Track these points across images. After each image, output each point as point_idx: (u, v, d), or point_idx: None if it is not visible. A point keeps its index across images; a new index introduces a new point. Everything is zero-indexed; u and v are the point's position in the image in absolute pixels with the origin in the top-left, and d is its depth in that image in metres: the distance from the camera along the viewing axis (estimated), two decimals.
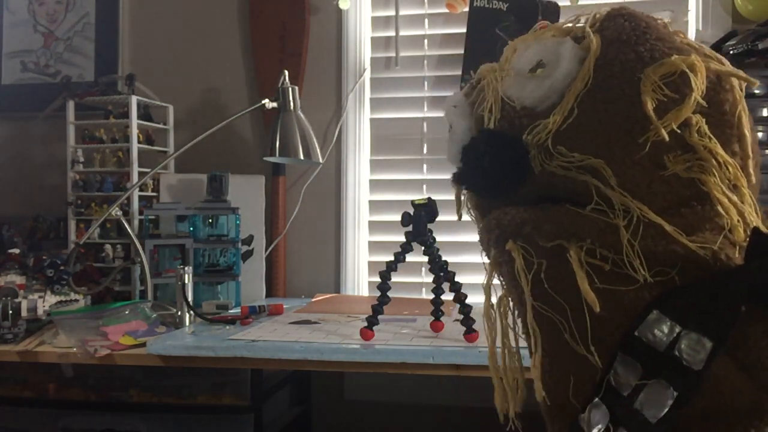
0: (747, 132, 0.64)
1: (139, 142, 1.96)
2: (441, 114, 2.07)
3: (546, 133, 0.65)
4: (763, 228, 0.61)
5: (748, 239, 0.61)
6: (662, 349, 0.60)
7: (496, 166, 0.67)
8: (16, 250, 1.72)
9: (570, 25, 0.72)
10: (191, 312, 1.58)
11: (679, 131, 0.62)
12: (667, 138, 0.61)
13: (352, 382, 2.07)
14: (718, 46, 1.80)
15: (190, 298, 1.58)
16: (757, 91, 1.78)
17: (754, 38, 1.72)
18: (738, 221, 0.62)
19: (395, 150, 2.11)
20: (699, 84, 0.62)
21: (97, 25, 2.26)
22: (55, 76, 2.27)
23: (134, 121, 1.93)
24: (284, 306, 1.73)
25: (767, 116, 1.78)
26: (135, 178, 1.92)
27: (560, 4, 1.95)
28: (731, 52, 1.77)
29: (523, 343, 0.73)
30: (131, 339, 1.43)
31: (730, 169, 0.63)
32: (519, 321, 0.72)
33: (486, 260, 0.73)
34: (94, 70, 2.25)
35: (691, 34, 1.92)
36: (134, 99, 1.93)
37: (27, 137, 2.29)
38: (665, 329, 0.60)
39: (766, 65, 1.79)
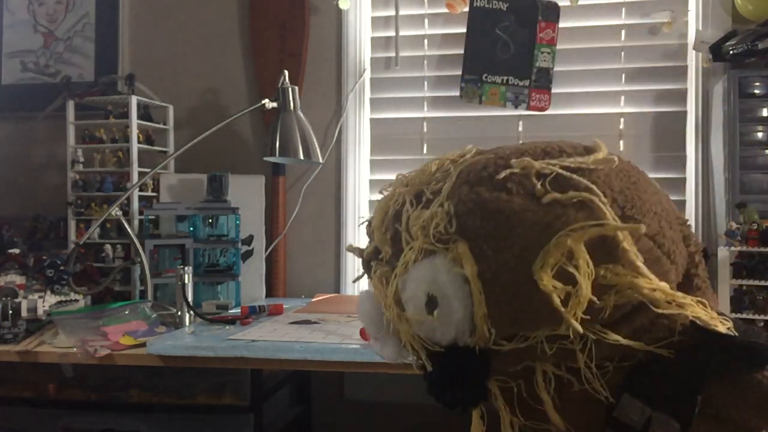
0: (633, 258, 0.61)
1: (139, 142, 1.96)
2: (441, 114, 2.08)
3: (484, 343, 0.65)
4: (703, 317, 0.63)
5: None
6: (639, 429, 0.65)
7: (460, 393, 0.71)
8: (16, 250, 1.72)
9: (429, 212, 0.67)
10: (191, 312, 1.58)
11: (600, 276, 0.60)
12: (581, 331, 0.60)
13: (352, 382, 2.07)
14: (718, 46, 1.80)
15: (190, 298, 1.58)
16: (757, 92, 1.79)
17: (754, 38, 1.72)
18: (673, 307, 0.62)
19: (395, 150, 2.11)
20: (583, 268, 0.59)
21: (97, 25, 2.26)
22: (55, 76, 2.27)
23: (134, 121, 1.93)
24: (284, 306, 1.73)
25: (767, 116, 1.78)
26: (135, 178, 1.92)
27: (560, 4, 1.95)
28: (731, 52, 1.77)
29: None
30: (131, 339, 1.43)
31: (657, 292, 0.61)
32: None
33: None
34: (94, 70, 2.25)
35: (691, 34, 1.92)
36: (134, 99, 1.93)
37: (27, 137, 2.29)
38: (637, 411, 0.65)
39: (766, 65, 1.79)
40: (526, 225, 0.60)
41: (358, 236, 2.10)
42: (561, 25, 1.95)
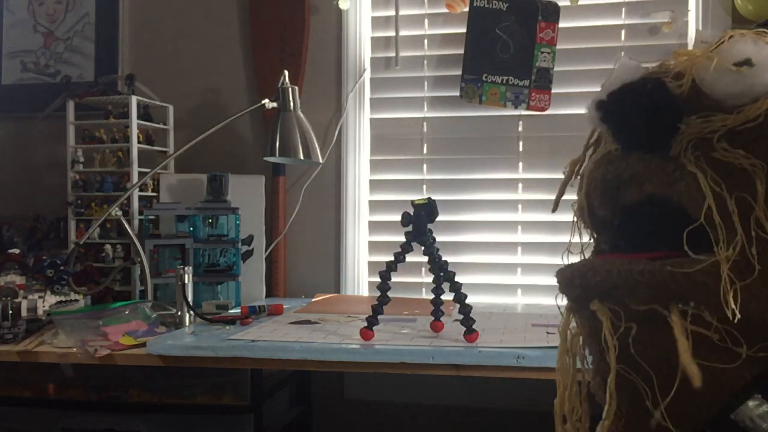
0: None
1: (139, 142, 1.96)
2: (441, 114, 2.08)
3: (720, 125, 0.60)
4: None
5: None
6: None
7: (649, 111, 0.62)
8: (16, 250, 1.72)
9: None
10: (191, 312, 1.58)
11: None
12: None
13: (352, 382, 2.07)
14: None
15: (190, 298, 1.58)
16: None
17: None
18: None
19: (395, 150, 2.11)
20: None
21: (97, 25, 2.26)
22: (55, 76, 2.27)
23: (134, 121, 1.93)
24: (284, 306, 1.73)
25: None
26: (135, 178, 1.92)
27: (560, 4, 1.95)
28: None
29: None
30: (131, 339, 1.43)
31: None
32: (593, 373, 0.68)
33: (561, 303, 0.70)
34: (94, 70, 2.25)
35: (691, 34, 1.92)
36: (134, 99, 1.93)
37: (27, 137, 2.29)
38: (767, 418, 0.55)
39: None
40: None
41: (358, 236, 2.10)
42: (561, 25, 1.95)
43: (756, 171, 0.58)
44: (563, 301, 0.70)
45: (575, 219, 0.76)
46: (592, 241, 0.76)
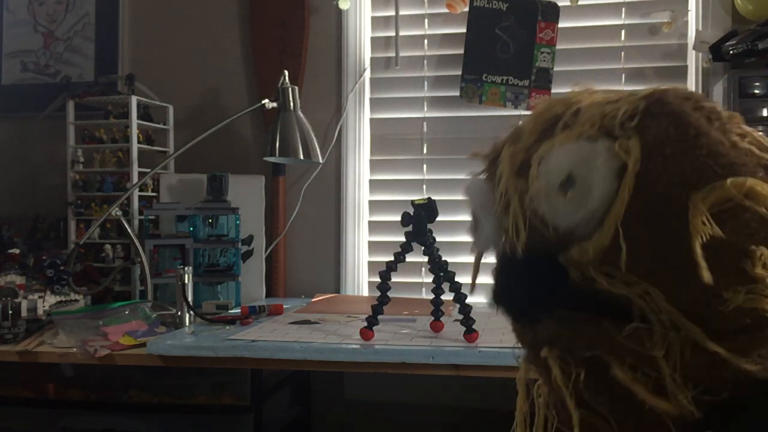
0: None
1: (139, 142, 1.96)
2: (441, 114, 2.08)
3: (587, 260, 0.58)
4: None
5: None
6: None
7: (534, 294, 0.61)
8: (16, 250, 1.72)
9: (602, 109, 0.62)
10: (191, 312, 1.58)
11: (739, 265, 0.54)
12: (710, 281, 0.52)
13: (352, 382, 2.07)
14: (718, 46, 1.80)
15: (190, 298, 1.58)
16: (757, 92, 1.79)
17: (754, 38, 1.72)
18: None
19: (395, 150, 2.11)
20: (761, 212, 0.53)
21: (97, 25, 2.26)
22: (55, 76, 2.27)
23: (134, 121, 1.93)
24: (284, 306, 1.73)
25: (767, 116, 1.78)
26: (135, 178, 1.92)
27: (560, 4, 1.95)
28: (731, 52, 1.77)
29: None
30: (131, 339, 1.43)
31: None
32: (557, 417, 0.67)
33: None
34: (94, 70, 2.25)
35: (691, 34, 1.92)
36: (134, 99, 1.93)
37: (27, 137, 2.29)
38: None
39: (766, 65, 1.79)
40: (712, 152, 0.55)
41: (358, 236, 2.10)
42: (561, 25, 1.95)
43: (637, 290, 0.58)
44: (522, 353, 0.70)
45: None
46: None
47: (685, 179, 0.54)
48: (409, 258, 1.37)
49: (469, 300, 1.33)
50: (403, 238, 1.35)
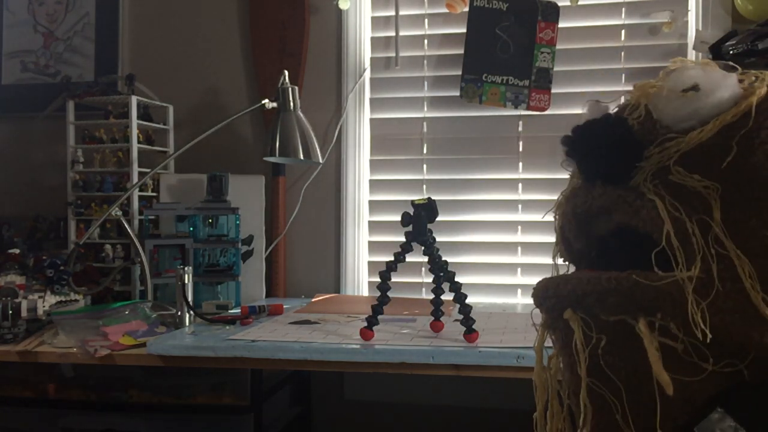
0: None
1: (139, 142, 1.96)
2: (441, 114, 2.08)
3: (674, 151, 0.63)
4: None
5: None
6: None
7: (608, 143, 0.66)
8: (16, 250, 1.72)
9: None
10: (191, 312, 1.58)
11: None
12: None
13: (352, 382, 2.07)
14: (718, 46, 1.80)
15: (190, 298, 1.58)
16: None
17: (754, 38, 1.72)
18: None
19: (395, 150, 2.11)
20: None
21: (97, 25, 2.26)
22: (55, 76, 2.27)
23: (134, 121, 1.93)
24: (284, 306, 1.73)
25: None
26: (135, 178, 1.92)
27: (560, 4, 1.95)
28: (731, 52, 1.77)
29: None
30: (131, 339, 1.43)
31: None
32: (567, 387, 0.68)
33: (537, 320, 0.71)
34: (94, 70, 2.25)
35: (691, 34, 1.92)
36: (134, 99, 1.93)
37: (27, 137, 2.29)
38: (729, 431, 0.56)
39: (766, 65, 1.79)
40: None
41: (358, 236, 2.10)
42: (561, 25, 1.95)
43: (710, 193, 0.61)
44: (538, 321, 0.72)
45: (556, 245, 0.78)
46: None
47: None
48: (409, 258, 1.36)
49: (469, 300, 1.33)
50: (403, 238, 1.35)
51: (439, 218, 1.34)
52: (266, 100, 1.84)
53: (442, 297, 1.41)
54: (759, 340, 0.55)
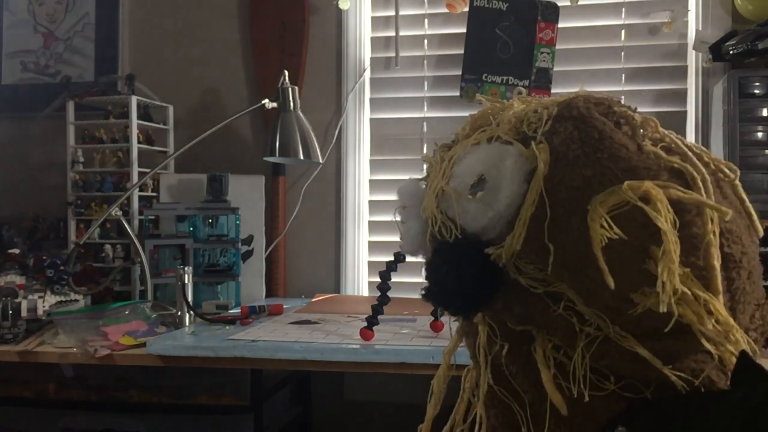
0: (715, 264, 0.54)
1: (139, 142, 1.96)
2: (441, 114, 2.08)
3: (507, 257, 0.58)
4: (749, 351, 0.54)
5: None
6: None
7: (461, 284, 0.60)
8: (16, 250, 1.72)
9: (521, 114, 0.63)
10: (191, 312, 1.58)
11: (642, 266, 0.53)
12: (612, 286, 0.52)
13: (352, 382, 2.07)
14: (718, 46, 1.80)
15: (190, 298, 1.58)
16: (757, 92, 1.79)
17: (754, 38, 1.72)
18: (725, 348, 0.55)
19: (395, 150, 2.11)
20: (663, 212, 0.52)
21: (97, 25, 2.26)
22: (55, 76, 2.27)
23: (134, 121, 1.93)
24: (284, 306, 1.73)
25: (767, 116, 1.78)
26: (135, 178, 1.92)
27: (560, 4, 1.95)
28: (731, 52, 1.77)
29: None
30: (131, 339, 1.43)
31: (708, 304, 0.54)
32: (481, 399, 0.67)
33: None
34: (94, 70, 2.25)
35: (691, 34, 1.92)
36: (134, 99, 1.93)
37: (27, 137, 2.29)
38: None
39: (766, 65, 1.79)
40: (613, 155, 0.55)
41: (358, 236, 2.10)
42: (561, 25, 1.95)
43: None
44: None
45: None
46: None
47: (586, 183, 0.55)
48: (409, 258, 1.36)
49: None
50: None
51: None
52: (266, 100, 1.84)
53: None
54: (655, 376, 0.55)
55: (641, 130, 0.59)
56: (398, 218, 0.70)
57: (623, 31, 1.98)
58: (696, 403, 0.54)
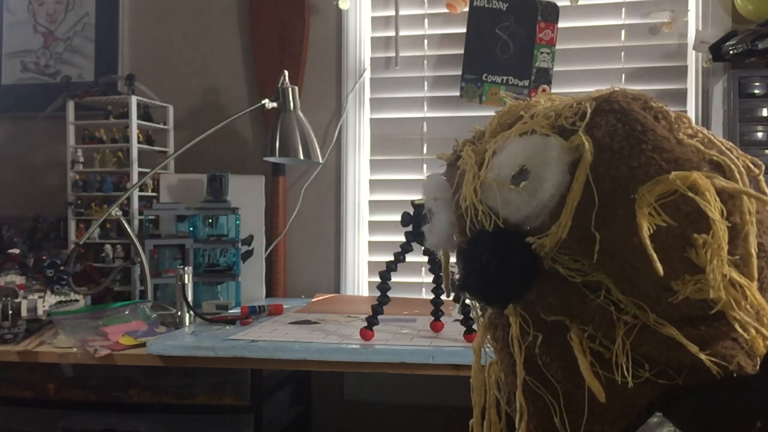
0: (753, 252, 0.56)
1: (139, 142, 1.96)
2: (441, 114, 2.08)
3: (549, 249, 0.58)
4: None
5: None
6: None
7: (503, 274, 0.60)
8: (16, 250, 1.72)
9: (556, 108, 0.63)
10: (191, 312, 1.58)
11: (684, 254, 0.54)
12: (662, 273, 0.53)
13: (352, 382, 2.07)
14: (718, 46, 1.80)
15: (190, 298, 1.58)
16: (757, 92, 1.79)
17: (754, 38, 1.72)
18: (756, 335, 0.56)
19: (395, 150, 2.11)
20: (712, 202, 0.54)
21: (97, 25, 2.26)
22: (55, 76, 2.27)
23: (134, 121, 1.93)
24: (284, 306, 1.73)
25: (767, 116, 1.78)
26: (135, 178, 1.92)
27: (560, 4, 1.95)
28: (731, 52, 1.77)
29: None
30: (131, 339, 1.43)
31: (746, 290, 0.55)
32: (507, 391, 0.66)
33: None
34: (94, 70, 2.25)
35: (691, 34, 1.92)
36: (134, 99, 1.93)
37: (27, 137, 2.29)
38: None
39: (766, 65, 1.79)
40: (657, 147, 0.56)
41: (358, 236, 2.10)
42: (561, 25, 1.95)
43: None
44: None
45: None
46: None
47: (631, 173, 0.56)
48: (409, 258, 1.37)
49: (469, 300, 1.33)
50: (403, 238, 1.35)
51: None
52: (266, 100, 1.84)
53: (442, 297, 1.41)
54: (690, 362, 0.56)
55: (676, 125, 0.60)
56: (429, 209, 0.69)
57: (623, 31, 1.98)
58: (732, 388, 0.55)
